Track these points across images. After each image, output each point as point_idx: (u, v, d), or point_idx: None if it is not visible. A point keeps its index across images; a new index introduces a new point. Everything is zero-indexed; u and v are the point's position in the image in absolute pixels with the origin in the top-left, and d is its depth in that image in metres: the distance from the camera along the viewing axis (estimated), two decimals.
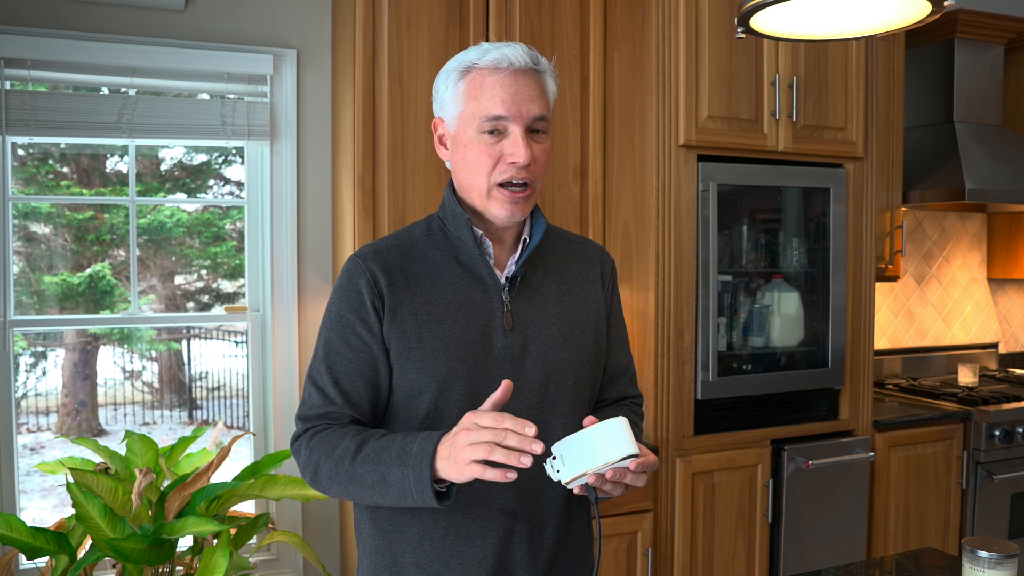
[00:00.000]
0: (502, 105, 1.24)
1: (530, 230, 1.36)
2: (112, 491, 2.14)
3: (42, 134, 2.51)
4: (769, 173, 2.76)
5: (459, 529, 1.28)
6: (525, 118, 1.25)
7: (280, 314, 2.79)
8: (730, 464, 2.71)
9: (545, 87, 1.30)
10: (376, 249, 1.34)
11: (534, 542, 1.31)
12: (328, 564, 2.84)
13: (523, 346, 1.31)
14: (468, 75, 1.28)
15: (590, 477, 1.14)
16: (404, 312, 1.29)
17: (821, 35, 1.49)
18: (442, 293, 1.31)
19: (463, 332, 1.29)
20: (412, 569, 1.30)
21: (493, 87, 1.25)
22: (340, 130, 2.68)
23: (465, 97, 1.28)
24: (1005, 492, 3.28)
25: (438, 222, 1.37)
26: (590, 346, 1.38)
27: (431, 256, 1.34)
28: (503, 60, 1.25)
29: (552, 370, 1.32)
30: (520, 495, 1.30)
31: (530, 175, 1.27)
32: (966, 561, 1.45)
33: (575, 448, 1.15)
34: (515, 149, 1.25)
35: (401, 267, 1.32)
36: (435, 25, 2.55)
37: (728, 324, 2.80)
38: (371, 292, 1.29)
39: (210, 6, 2.67)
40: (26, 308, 2.70)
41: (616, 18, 2.76)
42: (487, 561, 1.29)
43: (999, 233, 4.13)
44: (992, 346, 4.18)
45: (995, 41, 3.68)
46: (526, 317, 1.33)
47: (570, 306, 1.38)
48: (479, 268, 1.32)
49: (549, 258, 1.40)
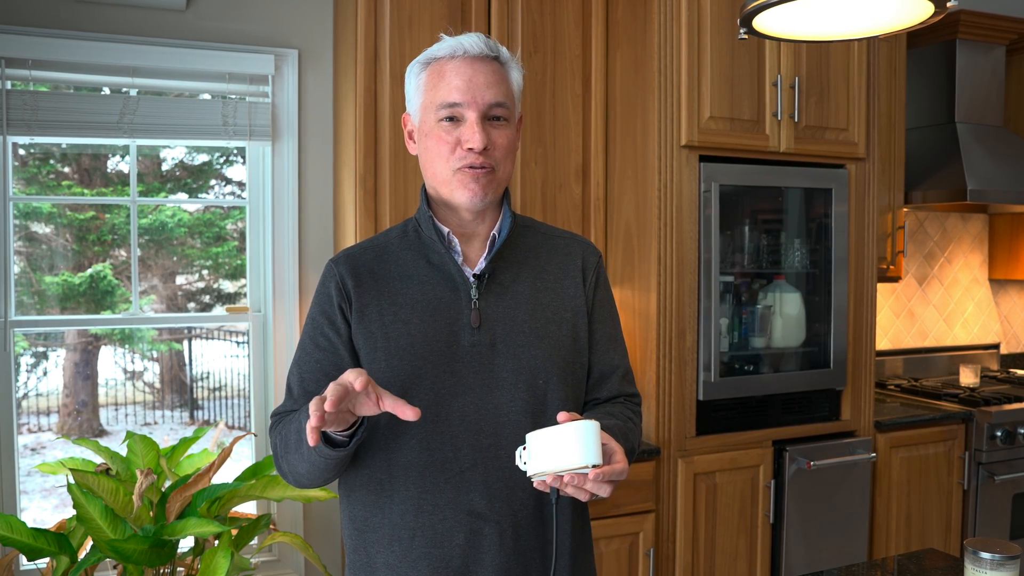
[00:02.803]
0: (457, 92, 1.26)
1: (499, 226, 1.35)
2: (113, 492, 2.13)
3: (43, 134, 2.50)
4: (771, 174, 2.76)
5: (426, 530, 1.27)
6: (480, 104, 1.26)
7: (281, 314, 2.78)
8: (732, 465, 2.71)
9: (505, 76, 1.30)
10: (349, 253, 1.36)
11: (505, 544, 1.28)
12: (329, 565, 2.83)
13: (491, 343, 1.30)
14: (429, 67, 1.30)
15: (548, 477, 1.11)
16: (371, 313, 1.30)
17: (823, 36, 1.49)
18: (410, 293, 1.31)
19: (429, 331, 1.29)
20: (383, 570, 1.30)
21: (450, 75, 1.27)
22: (342, 130, 2.68)
23: (425, 88, 1.30)
24: (1007, 493, 3.27)
25: (413, 223, 1.38)
26: (567, 343, 1.35)
27: (402, 257, 1.35)
28: (458, 48, 1.27)
29: (523, 367, 1.30)
30: (488, 497, 1.27)
31: (489, 160, 1.28)
32: (968, 562, 1.45)
33: (543, 444, 1.11)
34: (470, 135, 1.26)
35: (371, 269, 1.33)
36: (437, 25, 2.54)
37: (730, 325, 2.80)
38: (339, 295, 1.32)
39: (211, 6, 2.67)
40: (27, 308, 2.70)
41: (618, 18, 2.76)
42: (455, 562, 1.27)
43: (1001, 234, 4.12)
44: (994, 347, 4.18)
45: (996, 42, 3.67)
46: (495, 314, 1.31)
47: (545, 302, 1.35)
48: (448, 266, 1.32)
49: (526, 254, 1.38)
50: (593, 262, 1.43)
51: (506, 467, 1.28)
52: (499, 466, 1.28)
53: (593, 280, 1.42)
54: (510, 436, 1.28)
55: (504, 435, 1.28)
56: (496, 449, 1.28)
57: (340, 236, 2.74)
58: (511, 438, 1.28)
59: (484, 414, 1.28)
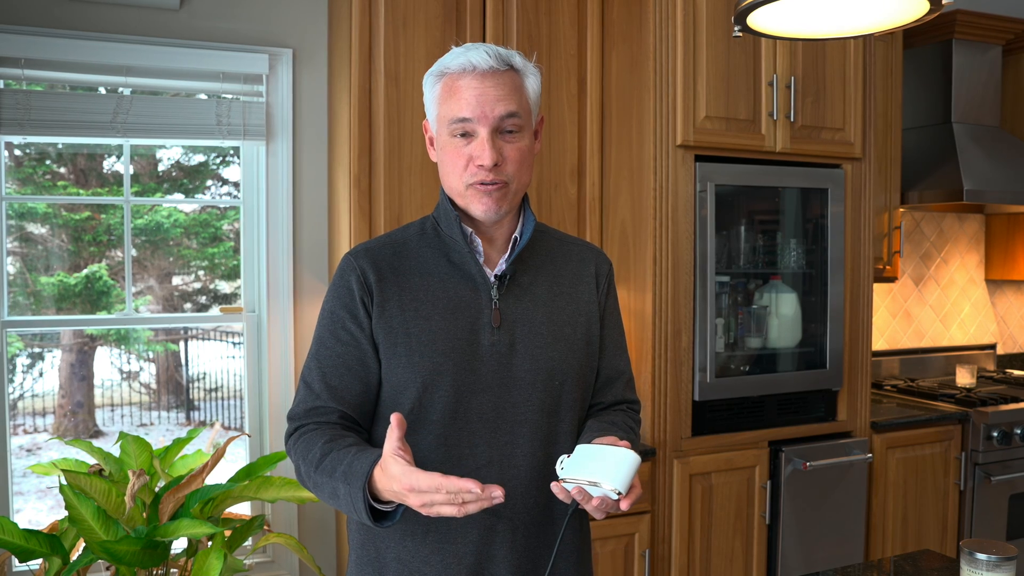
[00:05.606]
0: (468, 108, 1.26)
1: (521, 229, 1.37)
2: (105, 493, 2.12)
3: (36, 133, 2.50)
4: (767, 174, 2.75)
5: (440, 526, 1.29)
6: (491, 119, 1.26)
7: (276, 315, 2.78)
8: (728, 465, 2.70)
9: (520, 85, 1.30)
10: (368, 247, 1.36)
11: (517, 542, 1.31)
12: (324, 566, 2.82)
13: (511, 343, 1.32)
14: (442, 79, 1.30)
15: (574, 489, 1.16)
16: (392, 307, 1.30)
17: (818, 34, 1.48)
18: (431, 289, 1.32)
19: (450, 328, 1.30)
20: (394, 565, 1.31)
21: (461, 90, 1.27)
22: (336, 130, 2.67)
23: (439, 101, 1.31)
24: (1003, 493, 3.27)
25: (431, 222, 1.39)
26: (581, 346, 1.38)
27: (422, 254, 1.35)
28: (468, 65, 1.27)
29: (540, 368, 1.33)
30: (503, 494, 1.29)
31: (500, 176, 1.28)
32: (964, 563, 1.45)
33: (589, 455, 1.18)
34: (480, 151, 1.26)
35: (392, 264, 1.34)
36: (431, 25, 2.54)
37: (726, 325, 2.79)
38: (360, 288, 1.31)
39: (205, 5, 2.66)
40: (23, 309, 2.69)
41: (614, 18, 2.75)
42: (468, 559, 1.29)
43: (997, 234, 4.12)
44: (990, 347, 4.17)
45: (993, 42, 3.67)
46: (515, 315, 1.33)
47: (561, 305, 1.38)
48: (469, 266, 1.33)
49: (542, 258, 1.41)
50: (605, 270, 1.47)
51: (521, 465, 1.31)
52: (515, 464, 1.30)
53: (605, 287, 1.46)
54: (526, 435, 1.31)
55: (520, 434, 1.31)
56: (512, 447, 1.30)
57: (334, 236, 2.73)
58: (527, 437, 1.31)
59: (501, 412, 1.30)
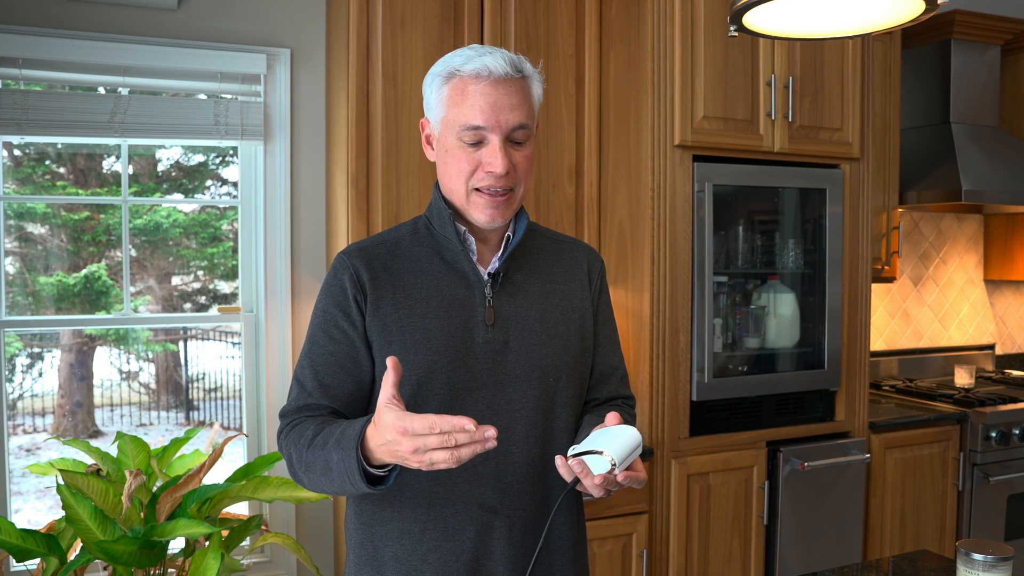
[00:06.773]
0: (481, 115, 1.25)
1: (514, 228, 1.37)
2: (103, 493, 2.12)
3: (34, 133, 2.50)
4: (765, 174, 2.75)
5: (437, 523, 1.29)
6: (504, 128, 1.26)
7: (273, 315, 2.78)
8: (726, 466, 2.70)
9: (529, 93, 1.30)
10: (362, 246, 1.37)
11: (514, 538, 1.31)
12: (322, 566, 2.82)
13: (505, 341, 1.32)
14: (451, 81, 1.28)
15: (574, 462, 1.17)
16: (386, 305, 1.31)
17: (814, 34, 1.48)
18: (425, 288, 1.32)
19: (444, 326, 1.30)
20: (392, 563, 1.31)
21: (474, 96, 1.26)
22: (334, 130, 2.67)
23: (447, 103, 1.29)
24: (1001, 494, 3.27)
25: (424, 221, 1.39)
26: (575, 343, 1.39)
27: (415, 253, 1.36)
28: (483, 70, 1.26)
29: (535, 365, 1.33)
30: (500, 491, 1.30)
31: (509, 182, 1.29)
32: (961, 564, 1.44)
33: (595, 435, 1.20)
34: (493, 159, 1.26)
35: (385, 263, 1.34)
36: (429, 24, 2.54)
37: (724, 325, 2.79)
38: (353, 287, 1.31)
39: (203, 5, 2.66)
40: (22, 309, 2.69)
41: (611, 18, 2.75)
42: (465, 556, 1.29)
43: (996, 234, 4.12)
44: (989, 347, 4.17)
45: (992, 42, 3.67)
46: (508, 313, 1.34)
47: (554, 303, 1.39)
48: (462, 264, 1.34)
49: (535, 256, 1.41)
50: (597, 267, 1.48)
51: (517, 462, 1.31)
52: (511, 461, 1.31)
53: (597, 285, 1.47)
54: (521, 431, 1.32)
55: (516, 430, 1.32)
56: (508, 444, 1.31)
57: (332, 236, 2.73)
58: (522, 433, 1.32)
59: (496, 409, 1.31)
